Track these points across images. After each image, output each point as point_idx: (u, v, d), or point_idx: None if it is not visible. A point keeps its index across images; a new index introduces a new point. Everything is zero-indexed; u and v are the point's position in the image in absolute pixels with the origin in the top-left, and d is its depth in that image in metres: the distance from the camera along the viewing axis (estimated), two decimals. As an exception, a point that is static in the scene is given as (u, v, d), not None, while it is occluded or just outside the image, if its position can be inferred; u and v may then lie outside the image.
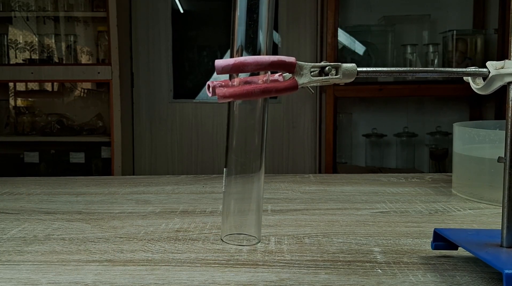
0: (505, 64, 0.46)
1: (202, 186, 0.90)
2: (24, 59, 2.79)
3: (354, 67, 0.46)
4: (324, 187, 0.89)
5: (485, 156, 0.76)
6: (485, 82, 0.47)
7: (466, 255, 0.53)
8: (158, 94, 2.96)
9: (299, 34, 2.91)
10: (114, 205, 0.76)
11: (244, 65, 0.45)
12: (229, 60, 0.44)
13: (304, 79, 0.47)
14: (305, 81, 0.47)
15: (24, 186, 0.91)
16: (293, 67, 0.46)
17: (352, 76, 0.47)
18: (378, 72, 0.47)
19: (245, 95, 0.45)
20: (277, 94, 0.46)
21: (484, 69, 0.46)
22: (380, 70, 0.46)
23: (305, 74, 0.47)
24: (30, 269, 0.50)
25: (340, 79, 0.46)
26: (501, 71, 0.45)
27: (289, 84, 0.46)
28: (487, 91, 0.47)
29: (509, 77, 0.45)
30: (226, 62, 0.44)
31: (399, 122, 2.82)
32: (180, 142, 2.98)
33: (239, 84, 0.46)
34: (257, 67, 0.46)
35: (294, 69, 0.47)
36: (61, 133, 2.80)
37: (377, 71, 0.47)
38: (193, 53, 3.06)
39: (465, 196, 0.79)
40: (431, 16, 2.76)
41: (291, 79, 0.47)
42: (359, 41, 2.72)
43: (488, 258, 0.43)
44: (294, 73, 0.46)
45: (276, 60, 0.46)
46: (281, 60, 0.46)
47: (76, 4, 2.73)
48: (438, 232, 0.52)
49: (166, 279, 0.48)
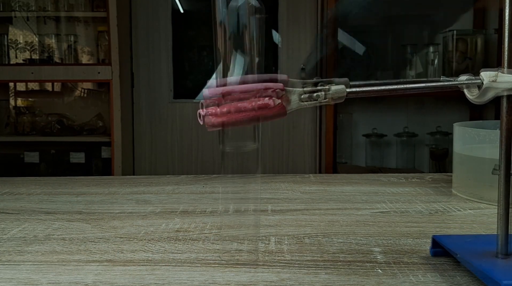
0: (497, 77, 0.45)
1: (202, 186, 0.90)
2: (24, 59, 2.79)
3: (343, 89, 0.46)
4: (324, 187, 0.89)
5: (485, 156, 0.76)
6: (479, 92, 0.46)
7: (466, 255, 0.53)
8: (158, 94, 2.96)
9: (299, 34, 2.91)
10: (114, 205, 0.76)
11: (231, 93, 0.46)
12: (217, 89, 0.46)
13: (293, 105, 0.47)
14: (294, 107, 0.47)
15: (24, 186, 0.91)
16: (281, 92, 0.47)
17: (341, 98, 0.47)
18: (368, 92, 0.46)
19: (233, 124, 0.47)
20: (265, 121, 0.47)
21: (478, 79, 0.46)
22: (370, 90, 0.46)
23: (294, 100, 0.47)
24: (30, 269, 0.50)
25: (328, 102, 0.47)
26: (493, 85, 0.45)
27: (277, 111, 0.47)
28: (482, 100, 0.46)
29: (502, 90, 0.45)
30: (215, 91, 0.46)
31: (399, 122, 2.82)
32: (180, 142, 2.98)
33: (228, 112, 0.46)
34: (244, 95, 0.47)
35: (282, 94, 0.47)
36: (61, 133, 2.80)
37: (366, 92, 0.46)
38: (193, 53, 3.06)
39: (465, 196, 0.79)
40: (431, 16, 2.76)
41: (279, 106, 0.47)
42: (359, 41, 2.72)
43: (485, 269, 0.43)
44: (282, 97, 0.47)
45: (263, 88, 0.47)
46: (268, 87, 0.46)
47: (77, 4, 2.73)
48: (436, 239, 0.52)
49: (166, 279, 0.48)
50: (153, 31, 2.93)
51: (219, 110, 0.46)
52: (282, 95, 0.47)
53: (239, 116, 0.46)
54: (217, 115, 0.46)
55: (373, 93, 0.47)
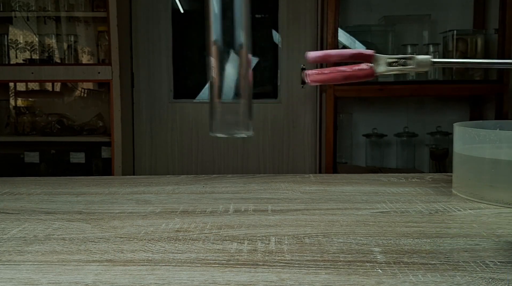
0: None
1: (202, 186, 0.90)
2: (25, 59, 2.79)
3: (428, 58, 0.55)
4: (324, 187, 0.89)
5: (485, 156, 0.76)
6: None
7: (466, 255, 0.53)
8: (158, 94, 2.96)
9: (299, 34, 2.91)
10: (114, 205, 0.76)
11: (329, 56, 0.58)
12: (317, 52, 0.58)
13: (382, 69, 0.58)
14: (382, 70, 0.58)
15: (24, 186, 0.91)
16: (371, 58, 0.58)
17: (425, 67, 0.56)
18: (451, 63, 0.55)
19: (329, 81, 0.58)
20: (357, 80, 0.58)
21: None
22: (452, 61, 0.53)
23: (382, 64, 0.58)
24: (30, 269, 0.50)
25: (414, 69, 0.56)
26: None
27: (367, 72, 0.58)
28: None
29: None
30: (315, 54, 0.58)
31: (399, 122, 2.82)
32: (180, 142, 2.98)
33: (330, 72, 0.58)
34: (339, 58, 0.58)
35: (372, 60, 0.58)
36: (62, 133, 2.80)
37: (449, 63, 0.55)
38: (193, 53, 3.06)
39: (465, 196, 0.79)
40: (431, 16, 2.77)
41: (369, 69, 0.58)
42: (359, 41, 2.72)
43: None
44: (373, 63, 0.57)
45: (356, 53, 0.58)
46: (360, 53, 0.58)
47: (77, 4, 2.73)
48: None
49: (166, 279, 0.48)
50: (153, 31, 2.93)
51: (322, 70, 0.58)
52: (372, 60, 0.58)
53: (337, 75, 0.57)
54: (319, 73, 0.58)
55: (455, 65, 0.58)
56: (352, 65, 0.58)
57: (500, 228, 0.63)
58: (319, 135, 2.86)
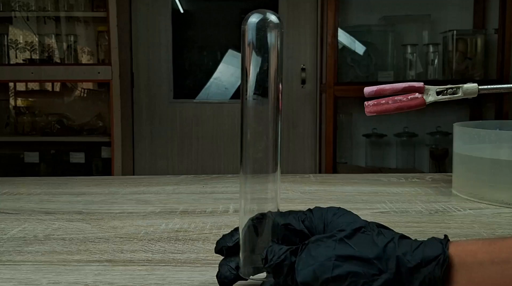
0: None
1: (202, 186, 0.90)
2: (24, 59, 2.79)
3: (475, 86, 0.63)
4: (324, 187, 0.89)
5: (485, 156, 0.76)
6: None
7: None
8: (158, 94, 2.96)
9: (299, 34, 2.91)
10: (114, 205, 0.76)
11: (383, 91, 0.67)
12: (373, 87, 0.69)
13: (431, 98, 0.67)
14: (432, 100, 0.67)
15: (24, 186, 0.91)
16: (422, 89, 0.67)
17: (473, 94, 0.64)
18: (498, 89, 0.60)
19: (384, 112, 0.66)
20: (409, 109, 0.66)
21: None
22: (499, 87, 0.58)
23: (431, 94, 0.68)
24: (30, 269, 0.50)
25: (462, 97, 0.64)
26: None
27: (419, 102, 0.67)
28: None
29: None
30: (371, 89, 0.69)
31: (399, 122, 2.82)
32: (180, 142, 2.98)
33: (386, 103, 0.68)
34: (392, 91, 0.66)
35: (423, 91, 0.67)
36: (61, 133, 2.80)
37: (495, 89, 0.61)
38: (193, 53, 3.06)
39: (465, 196, 0.79)
40: (431, 16, 2.76)
41: (420, 99, 0.67)
42: (359, 41, 2.72)
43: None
44: (423, 93, 0.67)
45: (407, 86, 0.66)
46: (411, 86, 0.66)
47: (77, 4, 2.73)
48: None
49: (166, 279, 0.48)
50: (153, 31, 2.93)
51: (378, 101, 0.68)
52: (422, 91, 0.67)
53: (391, 106, 0.66)
54: (375, 105, 0.67)
55: (502, 90, 0.63)
56: (406, 95, 0.65)
57: (500, 228, 0.63)
58: (319, 136, 2.86)
